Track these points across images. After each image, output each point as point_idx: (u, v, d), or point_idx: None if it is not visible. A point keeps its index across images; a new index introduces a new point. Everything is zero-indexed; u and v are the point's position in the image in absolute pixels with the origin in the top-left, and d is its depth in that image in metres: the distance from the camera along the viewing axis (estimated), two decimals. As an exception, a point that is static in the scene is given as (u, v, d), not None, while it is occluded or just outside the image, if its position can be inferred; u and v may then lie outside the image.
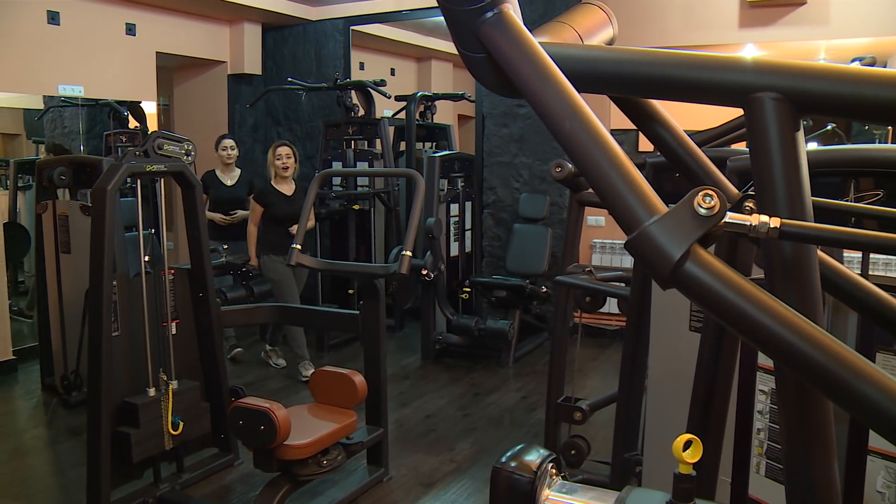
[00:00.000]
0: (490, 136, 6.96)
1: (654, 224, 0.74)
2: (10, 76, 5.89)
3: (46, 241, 5.18)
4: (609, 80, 0.96)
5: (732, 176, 1.72)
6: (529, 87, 0.85)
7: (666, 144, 1.11)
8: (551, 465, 1.07)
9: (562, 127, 0.81)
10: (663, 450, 2.45)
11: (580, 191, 3.61)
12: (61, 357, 5.17)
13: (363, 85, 6.86)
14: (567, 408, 3.68)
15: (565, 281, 3.53)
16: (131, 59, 6.85)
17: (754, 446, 1.65)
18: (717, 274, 0.73)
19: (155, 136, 3.61)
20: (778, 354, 0.73)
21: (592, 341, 6.59)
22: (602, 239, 6.75)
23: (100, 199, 3.38)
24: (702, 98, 0.90)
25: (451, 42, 0.98)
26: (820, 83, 0.81)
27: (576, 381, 4.34)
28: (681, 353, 2.35)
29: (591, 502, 1.02)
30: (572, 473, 3.59)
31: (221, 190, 6.15)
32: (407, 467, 4.13)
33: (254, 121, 8.26)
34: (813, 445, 0.85)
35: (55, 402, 5.23)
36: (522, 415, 5.01)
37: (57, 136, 7.87)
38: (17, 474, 4.13)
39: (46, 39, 6.10)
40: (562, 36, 1.06)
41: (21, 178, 7.71)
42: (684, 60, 0.90)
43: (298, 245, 3.67)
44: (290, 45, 8.11)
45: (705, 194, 0.74)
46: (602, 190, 0.78)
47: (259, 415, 3.11)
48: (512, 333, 6.00)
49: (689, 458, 0.93)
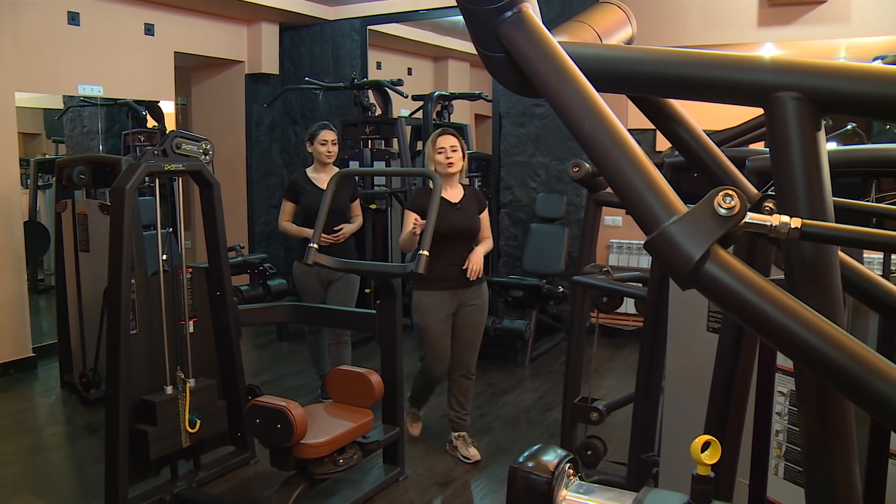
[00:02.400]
0: (507, 136, 6.96)
1: (673, 224, 0.74)
2: (31, 76, 5.94)
3: (66, 239, 5.23)
4: (628, 79, 0.95)
5: (751, 176, 1.71)
6: (548, 87, 0.85)
7: (685, 144, 1.10)
8: (569, 465, 1.07)
9: (581, 126, 0.81)
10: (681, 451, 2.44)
11: (597, 190, 3.60)
12: (80, 354, 5.21)
13: (380, 84, 6.87)
14: (584, 408, 3.67)
15: (582, 281, 3.53)
16: (150, 58, 6.89)
17: (772, 448, 1.64)
18: (737, 274, 0.73)
19: (173, 136, 3.63)
20: (798, 355, 0.73)
21: (609, 341, 6.57)
22: (619, 239, 6.73)
23: (118, 198, 3.40)
24: (722, 98, 0.90)
25: (468, 42, 0.99)
26: (842, 82, 0.80)
27: (592, 382, 4.33)
28: (698, 354, 2.34)
29: (608, 503, 1.02)
30: (588, 474, 3.58)
31: (318, 197, 4.64)
32: (423, 467, 4.13)
33: (271, 120, 8.29)
34: (833, 448, 0.85)
35: (74, 399, 5.28)
36: (538, 415, 5.00)
37: (76, 136, 7.94)
38: (37, 470, 4.16)
39: (66, 40, 6.15)
40: (580, 35, 1.05)
41: (41, 177, 7.79)
42: (704, 60, 0.89)
43: (316, 244, 3.67)
44: (307, 45, 8.13)
45: (725, 194, 0.74)
46: (621, 189, 0.78)
47: (276, 413, 3.12)
48: (528, 333, 5.99)
49: (707, 459, 0.93)
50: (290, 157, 8.40)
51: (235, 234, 7.50)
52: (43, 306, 7.44)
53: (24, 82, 5.89)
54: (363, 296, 6.92)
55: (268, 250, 8.02)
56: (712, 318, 2.33)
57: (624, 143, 0.79)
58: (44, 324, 6.87)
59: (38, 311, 7.11)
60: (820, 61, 0.82)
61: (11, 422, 4.96)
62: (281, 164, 8.45)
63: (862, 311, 1.64)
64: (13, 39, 5.68)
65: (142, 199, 4.79)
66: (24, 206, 6.55)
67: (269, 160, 8.35)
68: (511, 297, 6.17)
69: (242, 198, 8.21)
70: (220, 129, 7.98)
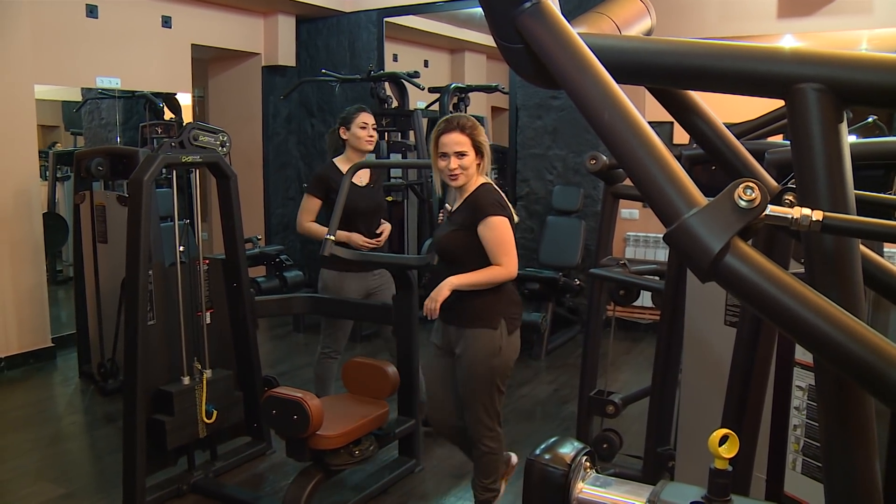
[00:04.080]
0: (524, 128, 6.94)
1: (693, 216, 0.73)
2: (50, 69, 5.97)
3: (84, 230, 5.26)
4: (648, 70, 0.95)
5: (771, 168, 1.70)
6: (568, 78, 0.84)
7: (704, 136, 1.09)
8: (585, 458, 1.07)
9: (600, 117, 0.80)
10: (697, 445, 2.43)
11: (614, 183, 3.59)
12: (98, 345, 5.25)
13: (397, 76, 6.86)
14: (599, 401, 3.67)
15: (599, 274, 3.52)
16: (167, 51, 6.91)
17: (790, 443, 1.63)
18: (757, 267, 0.72)
19: (190, 128, 3.64)
20: (819, 349, 0.72)
21: (625, 335, 6.55)
22: (636, 232, 6.70)
23: (136, 189, 3.42)
24: (742, 89, 0.89)
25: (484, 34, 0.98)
26: (865, 73, 0.79)
27: (608, 375, 4.32)
28: (715, 348, 2.33)
29: (625, 496, 1.02)
30: (604, 467, 3.57)
31: (353, 193, 3.99)
32: (438, 458, 4.14)
33: (287, 112, 8.30)
34: (854, 443, 0.84)
35: (92, 389, 5.32)
36: (554, 408, 5.00)
37: (94, 128, 7.99)
38: (56, 459, 4.20)
39: (85, 32, 6.18)
40: (600, 26, 1.05)
41: (59, 169, 7.85)
42: (725, 51, 0.89)
43: (333, 236, 3.65)
44: (323, 37, 8.14)
45: (746, 186, 0.73)
46: (641, 181, 0.78)
47: (292, 404, 3.13)
48: (544, 326, 5.98)
49: (725, 453, 0.93)
50: (306, 149, 8.41)
51: (252, 226, 7.52)
52: (62, 297, 7.50)
53: (44, 75, 5.93)
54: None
55: (284, 242, 8.04)
56: (730, 312, 2.31)
57: (643, 134, 0.78)
58: (62, 314, 6.93)
59: (57, 302, 7.17)
60: (842, 51, 0.81)
61: (31, 411, 5.00)
62: (297, 156, 8.46)
63: (882, 305, 1.62)
64: (32, 32, 5.71)
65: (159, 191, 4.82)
66: (43, 198, 6.61)
67: (285, 152, 8.37)
68: (527, 289, 6.15)
69: (259, 189, 8.23)
70: (237, 121, 8.01)
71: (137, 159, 4.55)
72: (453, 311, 3.12)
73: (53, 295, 6.73)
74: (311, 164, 8.36)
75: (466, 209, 3.09)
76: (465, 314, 3.11)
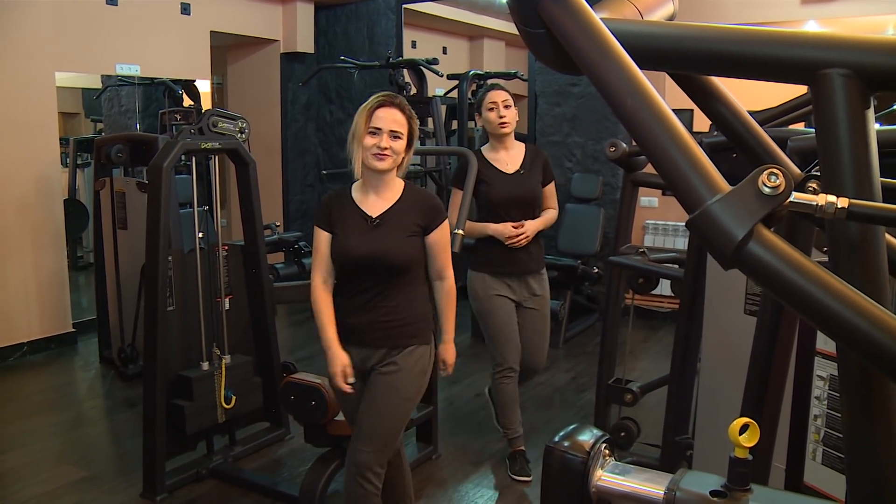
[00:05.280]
0: (543, 116, 6.91)
1: (716, 203, 0.73)
2: (71, 56, 6.01)
3: (104, 217, 5.30)
4: (671, 56, 0.94)
5: (794, 156, 1.68)
6: (590, 63, 0.84)
7: (727, 123, 1.08)
8: (604, 445, 1.07)
9: (623, 103, 0.79)
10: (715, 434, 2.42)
11: (634, 170, 3.57)
12: (118, 330, 5.29)
13: (415, 63, 6.85)
14: (618, 389, 3.66)
15: (618, 262, 3.50)
16: (186, 38, 6.93)
17: (811, 433, 1.62)
18: (781, 255, 0.71)
19: (210, 114, 3.65)
20: (843, 337, 0.71)
21: (644, 323, 6.53)
22: (655, 220, 6.66)
23: (156, 175, 3.44)
24: (767, 75, 0.88)
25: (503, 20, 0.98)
26: (893, 58, 0.78)
27: (626, 363, 4.31)
28: (735, 337, 2.32)
29: (644, 483, 1.02)
30: (622, 456, 3.57)
31: (499, 182, 3.66)
32: (455, 445, 4.15)
33: (306, 99, 8.31)
34: (878, 434, 0.83)
35: (112, 373, 5.37)
36: (572, 395, 5.00)
37: (114, 115, 8.03)
38: (78, 442, 4.25)
39: (105, 20, 6.21)
40: (622, 12, 1.04)
41: (80, 156, 7.91)
42: (749, 36, 0.87)
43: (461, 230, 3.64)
44: (342, 24, 8.13)
45: (770, 173, 0.72)
46: (663, 167, 0.77)
47: (310, 390, 3.15)
48: (563, 314, 5.97)
49: (745, 441, 0.92)
50: (325, 135, 8.42)
51: (271, 213, 7.55)
52: (82, 283, 7.57)
53: (64, 62, 5.96)
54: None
55: (303, 228, 8.06)
56: (750, 301, 2.30)
57: (667, 120, 0.78)
58: (83, 300, 7.00)
59: (78, 288, 7.23)
60: (870, 36, 0.80)
61: (53, 395, 5.06)
62: (316, 142, 8.48)
63: (906, 294, 1.61)
64: (53, 20, 5.74)
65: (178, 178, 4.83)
66: (64, 185, 6.66)
67: (304, 139, 8.38)
68: (545, 277, 6.14)
69: (278, 176, 8.25)
70: (256, 108, 8.02)
71: (157, 146, 4.57)
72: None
73: (74, 281, 6.79)
74: (329, 150, 8.37)
75: (411, 209, 2.70)
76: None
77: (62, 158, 6.34)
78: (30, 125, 5.62)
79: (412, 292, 2.71)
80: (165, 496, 3.55)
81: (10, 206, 5.57)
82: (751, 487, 0.94)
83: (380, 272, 2.63)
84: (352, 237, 2.62)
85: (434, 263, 2.74)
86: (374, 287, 2.65)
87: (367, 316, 2.65)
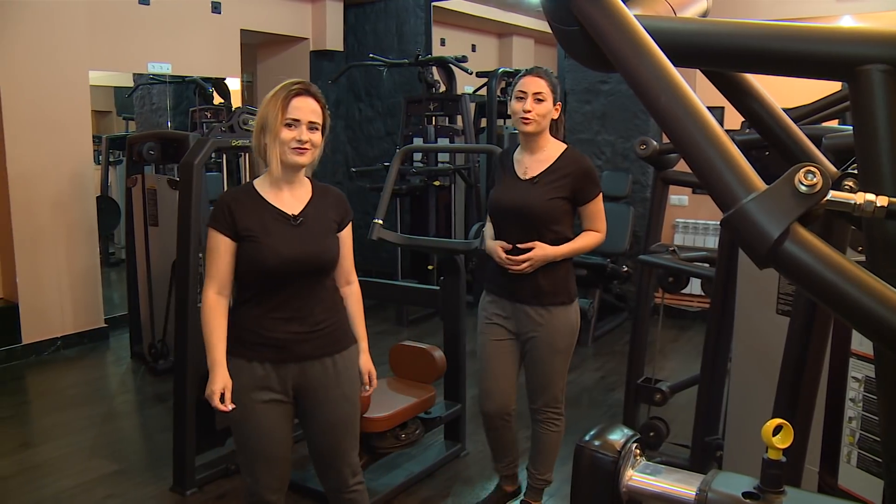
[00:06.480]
0: (572, 113, 6.88)
1: (752, 201, 0.72)
2: (104, 55, 6.08)
3: (136, 214, 5.36)
4: (705, 53, 0.93)
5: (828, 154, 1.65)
6: (624, 60, 0.83)
7: (761, 120, 1.07)
8: (635, 445, 1.06)
9: (657, 100, 0.79)
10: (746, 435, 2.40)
11: (665, 168, 3.54)
12: (149, 326, 5.35)
13: (444, 61, 6.85)
14: (647, 389, 3.64)
15: (648, 260, 3.48)
16: (216, 36, 6.99)
17: (845, 435, 1.60)
18: (818, 254, 0.70)
19: (240, 112, 3.68)
20: (883, 338, 0.70)
21: (673, 322, 6.48)
22: (685, 218, 6.62)
23: (187, 172, 3.47)
24: (803, 72, 0.87)
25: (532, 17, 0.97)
26: (935, 54, 0.76)
27: (656, 363, 4.28)
28: (767, 337, 2.29)
29: (675, 484, 1.01)
30: (650, 456, 3.55)
31: (504, 188, 3.09)
32: (484, 443, 4.12)
33: (335, 97, 8.34)
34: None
35: (143, 368, 5.43)
36: (601, 394, 4.97)
37: (145, 113, 8.11)
38: (109, 436, 4.30)
39: (137, 19, 6.28)
40: (654, 8, 1.03)
41: (112, 154, 8.00)
42: (785, 32, 0.86)
43: (380, 220, 3.66)
44: (371, 22, 8.15)
45: (807, 171, 0.71)
46: (698, 165, 0.76)
47: (339, 387, 3.15)
48: (592, 312, 5.94)
49: (779, 443, 0.91)
50: (353, 133, 8.45)
51: (300, 210, 7.57)
52: (114, 279, 7.66)
53: (98, 61, 6.04)
54: (426, 272, 6.96)
55: (331, 226, 8.10)
56: (782, 301, 2.27)
57: (701, 117, 0.77)
58: (115, 296, 7.08)
59: (110, 284, 7.32)
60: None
61: (86, 389, 5.12)
62: (345, 140, 8.51)
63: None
64: (88, 20, 5.81)
65: (209, 175, 4.87)
66: (97, 182, 6.73)
67: (333, 137, 8.41)
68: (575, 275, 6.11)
69: (307, 174, 8.28)
70: (286, 106, 8.05)
71: (188, 143, 4.61)
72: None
73: (106, 277, 6.87)
74: (358, 148, 8.40)
75: (326, 205, 2.50)
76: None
77: (95, 156, 6.41)
78: (64, 124, 5.69)
79: (333, 292, 2.53)
80: (195, 491, 3.58)
81: (44, 203, 5.65)
82: (784, 489, 0.92)
83: (308, 275, 2.40)
84: (276, 239, 2.35)
85: (344, 264, 2.55)
86: (301, 293, 2.40)
87: (297, 326, 2.40)
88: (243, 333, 2.42)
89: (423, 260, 7.05)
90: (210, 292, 2.41)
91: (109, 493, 3.61)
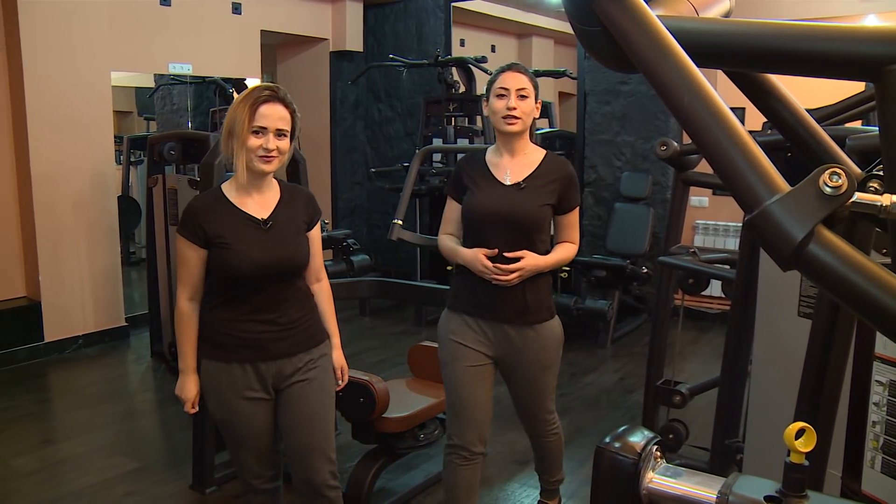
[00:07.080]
0: (592, 114, 6.86)
1: (775, 202, 0.71)
2: (126, 56, 6.13)
3: (156, 213, 5.39)
4: (729, 53, 0.92)
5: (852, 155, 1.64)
6: (646, 61, 0.83)
7: (784, 121, 1.06)
8: (655, 447, 1.06)
9: (680, 101, 0.78)
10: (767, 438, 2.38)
11: (685, 170, 3.52)
12: (169, 325, 5.38)
13: (464, 61, 6.85)
14: (666, 391, 3.62)
15: (669, 262, 3.46)
16: (237, 37, 7.03)
17: (869, 440, 1.59)
18: (843, 256, 0.70)
19: (261, 112, 3.68)
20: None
21: (693, 324, 6.45)
22: (705, 220, 6.58)
23: (207, 173, 3.48)
24: (828, 72, 0.86)
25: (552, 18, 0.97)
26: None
27: (675, 364, 4.26)
28: (788, 339, 2.28)
29: (696, 486, 1.00)
30: (670, 458, 3.52)
31: (485, 193, 2.79)
32: (502, 444, 4.14)
33: (355, 97, 8.36)
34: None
35: (163, 367, 5.47)
36: (620, 396, 4.95)
37: (166, 113, 8.17)
38: (130, 434, 4.34)
39: (158, 20, 6.33)
40: (677, 9, 1.02)
41: (133, 154, 8.06)
42: (809, 32, 0.86)
43: (399, 220, 3.65)
44: (391, 22, 8.16)
45: (832, 172, 0.71)
46: (721, 166, 0.76)
47: (359, 387, 3.16)
48: (611, 314, 5.92)
49: (801, 447, 0.90)
50: (373, 133, 8.46)
51: (319, 210, 7.60)
52: (134, 278, 7.73)
53: (119, 62, 6.09)
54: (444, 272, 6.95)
55: (351, 226, 8.12)
56: (804, 303, 2.25)
57: (725, 118, 0.76)
58: (135, 295, 7.14)
59: (130, 283, 7.38)
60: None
61: (107, 387, 5.16)
62: (364, 140, 8.53)
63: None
64: (110, 21, 5.86)
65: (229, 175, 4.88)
66: (118, 182, 6.79)
67: (353, 137, 8.44)
68: (594, 276, 6.10)
69: (326, 174, 8.32)
70: (305, 106, 8.04)
71: (208, 144, 4.63)
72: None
73: (127, 276, 6.93)
74: (377, 148, 8.42)
75: (296, 206, 2.53)
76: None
77: (116, 156, 6.46)
78: (86, 124, 5.74)
79: (304, 290, 2.56)
80: (214, 489, 3.60)
81: (66, 202, 5.70)
82: (807, 493, 0.92)
83: (280, 277, 2.42)
84: (248, 244, 2.35)
85: (313, 262, 2.58)
86: (273, 294, 2.43)
87: (271, 326, 2.42)
88: (219, 337, 2.45)
89: (442, 260, 7.02)
90: (182, 299, 2.45)
91: (129, 490, 3.63)
